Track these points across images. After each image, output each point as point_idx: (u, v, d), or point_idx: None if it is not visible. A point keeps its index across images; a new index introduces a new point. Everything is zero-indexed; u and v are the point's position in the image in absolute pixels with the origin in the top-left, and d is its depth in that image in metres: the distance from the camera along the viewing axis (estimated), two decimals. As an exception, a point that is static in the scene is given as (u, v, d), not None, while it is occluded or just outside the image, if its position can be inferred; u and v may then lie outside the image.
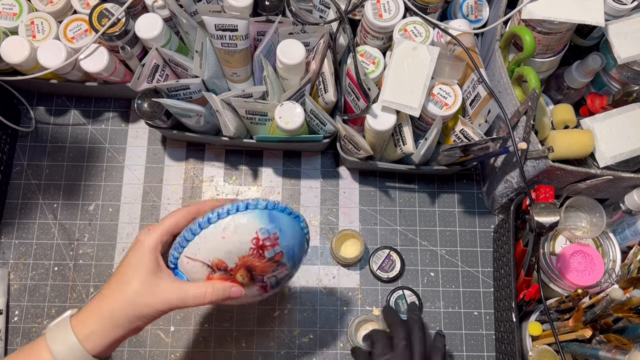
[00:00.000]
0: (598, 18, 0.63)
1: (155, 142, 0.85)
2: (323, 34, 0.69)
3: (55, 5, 0.74)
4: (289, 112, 0.68)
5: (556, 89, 0.76)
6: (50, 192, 0.82)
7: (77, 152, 0.84)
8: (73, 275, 0.78)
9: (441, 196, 0.84)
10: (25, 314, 0.76)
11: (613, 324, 0.60)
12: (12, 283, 0.78)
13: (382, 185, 0.84)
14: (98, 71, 0.72)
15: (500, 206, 0.80)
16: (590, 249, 0.71)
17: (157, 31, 0.69)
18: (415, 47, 0.67)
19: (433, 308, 0.78)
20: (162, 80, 0.72)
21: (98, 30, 0.69)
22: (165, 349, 0.75)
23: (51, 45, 0.71)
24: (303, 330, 0.77)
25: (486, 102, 0.68)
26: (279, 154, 0.85)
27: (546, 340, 0.65)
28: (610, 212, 0.72)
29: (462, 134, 0.70)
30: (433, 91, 0.69)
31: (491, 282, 0.80)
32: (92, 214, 0.81)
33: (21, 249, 0.79)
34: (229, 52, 0.68)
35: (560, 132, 0.69)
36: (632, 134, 0.67)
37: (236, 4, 0.67)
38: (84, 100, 0.86)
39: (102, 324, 0.48)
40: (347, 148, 0.76)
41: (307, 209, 0.82)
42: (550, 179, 0.69)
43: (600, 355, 0.55)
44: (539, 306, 0.69)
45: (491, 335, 0.77)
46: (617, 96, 0.69)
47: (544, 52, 0.69)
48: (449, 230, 0.82)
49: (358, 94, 0.69)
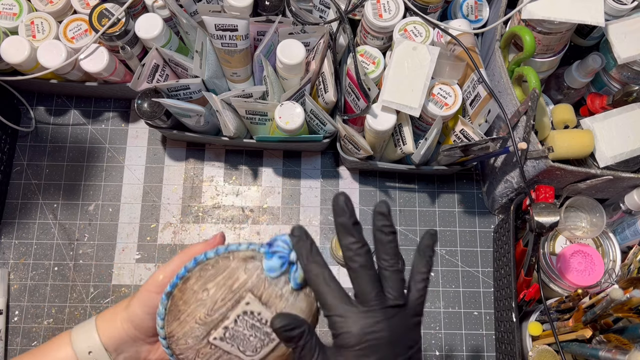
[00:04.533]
0: (598, 18, 0.63)
1: (155, 142, 0.85)
2: (323, 34, 0.69)
3: (55, 5, 0.74)
4: (289, 112, 0.68)
5: (556, 89, 0.76)
6: (50, 192, 0.82)
7: (77, 152, 0.84)
8: (73, 275, 0.78)
9: (441, 196, 0.84)
10: (25, 314, 0.76)
11: (613, 324, 0.60)
12: (12, 283, 0.78)
13: (382, 185, 0.84)
14: (98, 71, 0.72)
15: (500, 206, 0.80)
16: (590, 249, 0.71)
17: (157, 31, 0.69)
18: (415, 47, 0.67)
19: (433, 308, 0.78)
20: (162, 80, 0.72)
21: (98, 30, 0.69)
22: (165, 349, 0.75)
23: (51, 45, 0.71)
24: (303, 330, 0.77)
25: (486, 102, 0.68)
26: (279, 154, 0.85)
27: (546, 340, 0.65)
28: (610, 212, 0.72)
29: (462, 134, 0.70)
30: (433, 91, 0.69)
31: (491, 282, 0.80)
32: (92, 214, 0.81)
33: (21, 249, 0.79)
34: (229, 52, 0.68)
35: (560, 132, 0.69)
36: (632, 134, 0.67)
37: (236, 4, 0.67)
38: (84, 100, 0.86)
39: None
40: (347, 148, 0.76)
41: (307, 209, 0.82)
42: (550, 179, 0.69)
43: (600, 355, 0.55)
44: (539, 306, 0.69)
45: (491, 335, 0.77)
46: (617, 96, 0.69)
47: (544, 52, 0.69)
48: (449, 230, 0.82)
49: (358, 94, 0.69)
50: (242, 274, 0.44)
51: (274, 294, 0.45)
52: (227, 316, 0.45)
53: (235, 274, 0.45)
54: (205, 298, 0.45)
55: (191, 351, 0.46)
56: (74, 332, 0.48)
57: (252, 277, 0.44)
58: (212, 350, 0.46)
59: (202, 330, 0.45)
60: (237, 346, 0.46)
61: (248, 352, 0.46)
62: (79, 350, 0.47)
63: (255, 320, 0.45)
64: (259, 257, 0.45)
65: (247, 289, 0.44)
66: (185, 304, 0.46)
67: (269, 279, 0.44)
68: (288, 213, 0.82)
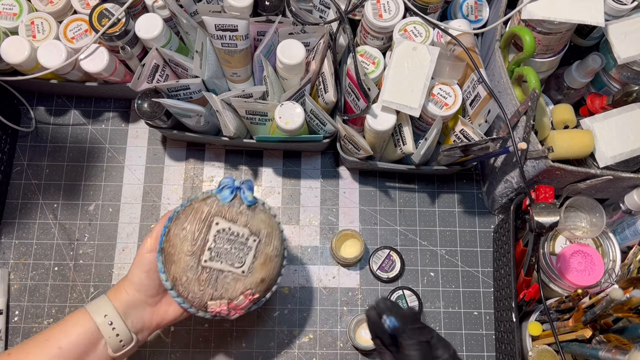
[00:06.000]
0: (598, 18, 0.63)
1: (155, 142, 0.85)
2: (323, 34, 0.69)
3: (56, 6, 0.74)
4: (289, 112, 0.68)
5: (556, 89, 0.76)
6: (50, 192, 0.82)
7: (77, 152, 0.84)
8: (73, 275, 0.78)
9: (441, 196, 0.84)
10: (25, 314, 0.76)
11: (613, 324, 0.60)
12: (12, 283, 0.78)
13: (382, 185, 0.84)
14: (98, 71, 0.72)
15: (500, 206, 0.80)
16: (590, 249, 0.71)
17: (157, 31, 0.69)
18: (415, 47, 0.67)
19: (433, 308, 0.78)
20: (162, 80, 0.72)
21: (98, 31, 0.69)
22: (165, 349, 0.75)
23: (51, 46, 0.71)
24: (303, 330, 0.77)
25: (486, 102, 0.68)
26: (279, 154, 0.85)
27: (546, 340, 0.65)
28: (610, 212, 0.72)
29: (462, 134, 0.70)
30: (433, 91, 0.69)
31: (491, 282, 0.80)
32: (92, 214, 0.81)
33: (21, 249, 0.79)
34: (229, 52, 0.68)
35: (560, 132, 0.69)
36: (632, 134, 0.67)
37: (236, 4, 0.67)
38: (84, 100, 0.86)
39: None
40: (347, 148, 0.76)
41: (307, 209, 0.83)
42: (550, 179, 0.69)
43: (600, 356, 0.55)
44: (539, 306, 0.69)
45: (491, 335, 0.78)
46: (617, 96, 0.69)
47: (544, 52, 0.69)
48: (449, 230, 0.82)
49: (358, 94, 0.69)
50: (205, 207, 0.58)
51: (234, 212, 0.58)
52: (207, 239, 0.57)
53: (200, 209, 0.58)
54: (185, 234, 0.57)
55: (194, 284, 0.57)
56: (89, 306, 0.58)
57: (213, 207, 0.58)
58: (208, 274, 0.57)
59: (194, 259, 0.57)
60: (226, 261, 0.58)
61: (236, 264, 0.58)
62: (97, 316, 0.57)
63: (229, 234, 0.58)
64: (213, 195, 0.59)
65: (213, 214, 0.58)
66: (173, 247, 0.57)
67: (226, 204, 0.58)
68: (288, 213, 0.82)
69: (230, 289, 0.58)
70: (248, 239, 0.58)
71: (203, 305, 0.58)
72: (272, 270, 0.60)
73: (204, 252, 0.57)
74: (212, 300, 0.57)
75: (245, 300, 0.58)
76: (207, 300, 0.57)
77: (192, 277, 0.57)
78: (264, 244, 0.59)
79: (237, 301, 0.58)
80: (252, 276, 0.58)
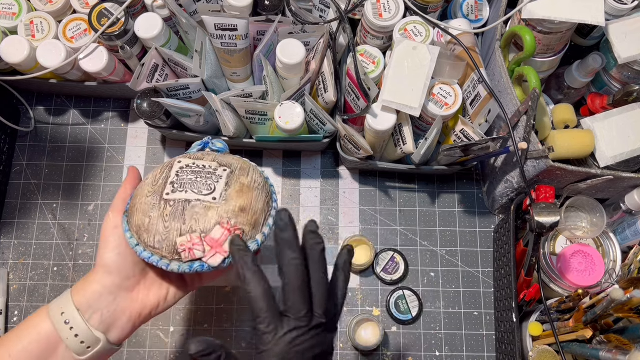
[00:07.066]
0: (599, 18, 0.63)
1: (155, 142, 0.85)
2: (323, 33, 0.69)
3: (55, 5, 0.74)
4: (289, 112, 0.68)
5: (556, 88, 0.76)
6: (50, 192, 0.82)
7: (76, 152, 0.84)
8: (73, 275, 0.78)
9: (441, 196, 0.84)
10: (24, 314, 0.76)
11: (613, 324, 0.60)
12: (12, 283, 0.78)
13: (382, 185, 0.84)
14: (98, 71, 0.72)
15: (500, 206, 0.79)
16: (591, 249, 0.71)
17: (156, 31, 0.69)
18: (415, 46, 0.67)
19: (433, 308, 0.78)
20: (162, 80, 0.71)
21: (97, 30, 0.69)
22: (165, 349, 0.75)
23: (51, 45, 0.71)
24: (303, 331, 0.77)
25: (486, 102, 0.68)
26: (279, 154, 0.85)
27: (546, 341, 0.65)
28: (610, 212, 0.72)
29: (463, 134, 0.70)
30: (433, 91, 0.69)
31: (491, 282, 0.80)
32: (91, 214, 0.81)
33: (20, 249, 0.79)
34: (229, 51, 0.68)
35: (561, 132, 0.69)
36: (633, 133, 0.67)
37: (236, 4, 0.67)
38: (83, 100, 0.86)
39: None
40: (347, 148, 0.76)
41: (307, 209, 0.82)
42: (550, 179, 0.69)
43: (600, 356, 0.55)
44: (539, 306, 0.69)
45: (491, 336, 0.77)
46: (618, 96, 0.69)
47: (544, 51, 0.69)
48: (449, 231, 0.82)
49: (358, 93, 0.69)
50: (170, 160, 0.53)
51: (200, 155, 0.53)
52: (169, 176, 0.50)
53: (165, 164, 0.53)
54: (146, 182, 0.51)
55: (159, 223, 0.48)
56: (50, 304, 0.50)
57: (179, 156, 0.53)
58: (172, 207, 0.48)
59: (155, 197, 0.49)
60: (190, 190, 0.49)
61: (204, 191, 0.49)
62: (54, 314, 0.49)
63: (194, 167, 0.51)
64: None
65: (177, 160, 0.52)
66: (135, 198, 0.51)
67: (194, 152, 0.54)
68: (288, 213, 0.82)
69: (201, 219, 0.48)
70: (217, 169, 0.51)
71: (172, 247, 0.48)
72: (253, 201, 0.50)
73: (166, 187, 0.49)
74: (181, 236, 0.48)
75: (223, 231, 0.48)
76: (175, 238, 0.48)
77: (155, 215, 0.48)
78: (237, 174, 0.51)
79: (213, 234, 0.48)
80: (226, 204, 0.49)
